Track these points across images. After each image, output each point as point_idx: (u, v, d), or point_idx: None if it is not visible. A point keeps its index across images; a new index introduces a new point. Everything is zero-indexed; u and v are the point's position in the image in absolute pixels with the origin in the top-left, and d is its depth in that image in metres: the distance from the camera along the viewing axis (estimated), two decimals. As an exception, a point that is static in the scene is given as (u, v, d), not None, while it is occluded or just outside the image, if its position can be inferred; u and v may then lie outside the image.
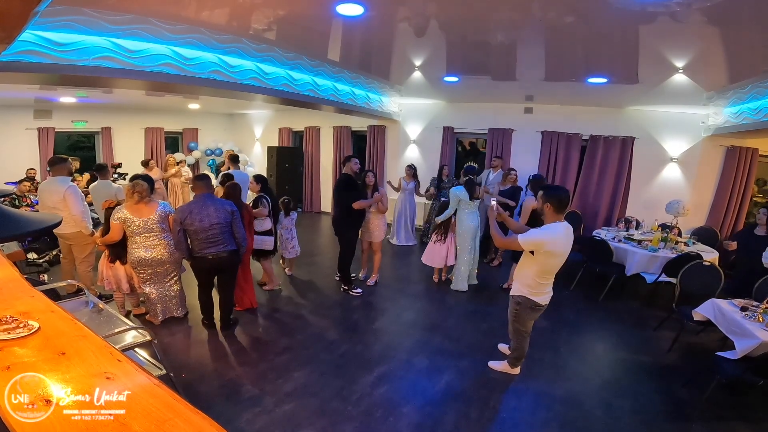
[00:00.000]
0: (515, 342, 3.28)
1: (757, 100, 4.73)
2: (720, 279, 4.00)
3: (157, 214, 3.70)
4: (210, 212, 3.58)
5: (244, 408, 2.83)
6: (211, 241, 3.61)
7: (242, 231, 3.77)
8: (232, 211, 3.70)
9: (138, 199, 3.64)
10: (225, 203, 3.74)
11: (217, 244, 3.63)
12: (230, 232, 3.72)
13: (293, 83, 5.13)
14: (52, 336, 1.18)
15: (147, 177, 3.92)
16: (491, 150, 7.69)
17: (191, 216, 3.54)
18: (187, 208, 3.61)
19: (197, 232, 3.57)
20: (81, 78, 3.59)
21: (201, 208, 3.57)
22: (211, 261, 3.68)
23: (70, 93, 6.81)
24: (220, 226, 3.61)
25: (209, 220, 3.56)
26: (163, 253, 3.78)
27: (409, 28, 3.89)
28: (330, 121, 9.18)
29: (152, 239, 3.72)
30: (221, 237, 3.64)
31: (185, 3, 3.40)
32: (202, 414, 0.89)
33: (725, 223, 6.54)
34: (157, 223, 3.70)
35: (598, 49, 4.18)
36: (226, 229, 3.67)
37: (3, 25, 1.59)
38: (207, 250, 3.63)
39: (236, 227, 3.73)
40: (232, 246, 3.73)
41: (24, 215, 1.36)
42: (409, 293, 5.18)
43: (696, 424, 2.88)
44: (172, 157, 8.83)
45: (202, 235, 3.58)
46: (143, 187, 3.65)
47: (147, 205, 3.69)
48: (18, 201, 5.88)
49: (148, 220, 3.66)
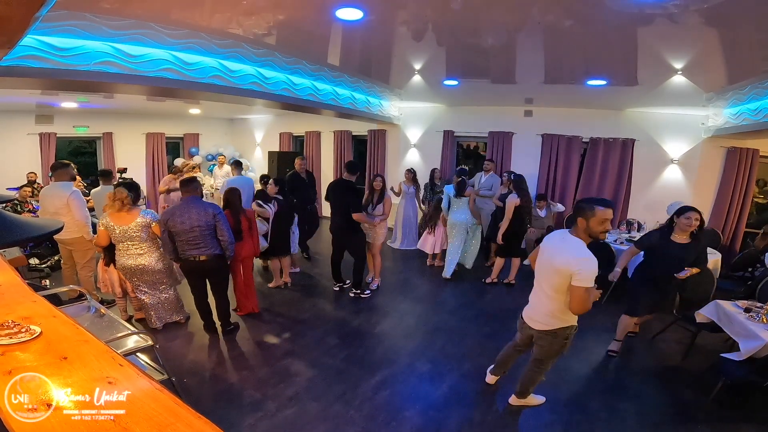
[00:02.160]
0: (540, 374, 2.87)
1: (756, 101, 4.73)
2: (713, 282, 4.02)
3: (136, 223, 3.61)
4: (192, 215, 3.57)
5: (246, 412, 2.81)
6: (192, 244, 3.61)
7: (228, 235, 3.70)
8: (215, 214, 3.64)
9: (119, 207, 3.59)
10: (209, 206, 3.69)
11: (198, 246, 3.62)
12: (213, 235, 3.67)
13: (293, 88, 5.14)
14: (54, 341, 1.18)
15: (131, 184, 3.87)
16: (491, 154, 7.70)
17: (173, 218, 3.57)
18: (171, 210, 3.65)
19: (179, 234, 3.59)
20: (82, 83, 3.60)
21: (183, 211, 3.59)
22: (194, 263, 3.68)
23: (72, 98, 6.82)
24: (200, 228, 3.58)
25: (190, 222, 3.55)
26: (149, 262, 3.71)
27: (408, 32, 3.90)
28: (330, 125, 9.19)
29: (134, 248, 3.67)
30: (202, 240, 3.62)
31: (186, 8, 3.42)
32: (204, 418, 0.88)
33: (727, 225, 6.53)
34: (136, 232, 3.62)
35: (597, 52, 4.19)
36: (207, 232, 3.63)
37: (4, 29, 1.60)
38: (189, 252, 3.64)
39: (220, 230, 3.67)
40: (216, 250, 3.70)
41: (26, 221, 1.35)
42: (411, 297, 5.16)
43: (701, 426, 2.86)
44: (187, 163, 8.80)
45: (183, 237, 3.59)
46: (122, 195, 3.59)
47: (128, 212, 3.63)
48: (20, 206, 5.89)
49: (127, 229, 3.59)
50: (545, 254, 2.55)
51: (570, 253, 2.31)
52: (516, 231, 5.23)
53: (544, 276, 2.53)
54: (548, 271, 2.48)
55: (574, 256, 2.28)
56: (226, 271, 3.95)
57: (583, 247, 2.32)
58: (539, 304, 2.60)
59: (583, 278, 2.24)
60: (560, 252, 2.39)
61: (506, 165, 7.48)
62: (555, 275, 2.40)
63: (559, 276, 2.37)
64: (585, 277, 2.24)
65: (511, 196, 5.10)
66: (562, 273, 2.33)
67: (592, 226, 2.33)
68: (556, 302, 2.47)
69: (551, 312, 2.52)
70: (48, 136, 8.37)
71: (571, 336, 2.58)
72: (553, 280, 2.43)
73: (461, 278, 5.87)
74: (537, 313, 2.63)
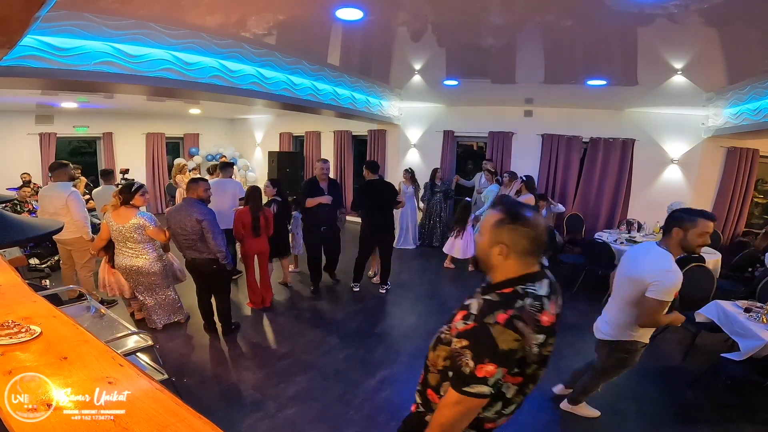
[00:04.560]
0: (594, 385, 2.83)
1: (756, 101, 4.73)
2: (713, 281, 4.01)
3: (131, 223, 3.57)
4: (182, 218, 3.56)
5: (246, 413, 2.81)
6: (187, 246, 3.63)
7: (216, 243, 3.57)
8: (199, 220, 3.52)
9: (118, 203, 3.60)
10: (196, 212, 3.54)
11: (192, 249, 3.63)
12: (203, 240, 3.60)
13: (293, 88, 5.14)
14: (54, 341, 1.18)
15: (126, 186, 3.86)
16: (491, 154, 7.71)
17: (169, 219, 3.60)
18: (171, 210, 3.70)
19: (175, 235, 3.62)
20: (82, 83, 3.60)
21: (177, 213, 3.61)
22: (193, 263, 3.71)
23: (72, 98, 6.82)
24: (189, 233, 3.57)
25: (182, 225, 3.56)
26: (143, 264, 3.67)
27: (408, 32, 3.90)
28: (330, 125, 9.20)
29: (129, 248, 3.65)
30: (194, 243, 3.61)
31: (186, 8, 3.41)
32: (204, 418, 0.88)
33: (727, 225, 6.52)
34: (131, 233, 3.59)
35: (597, 52, 4.19)
36: (195, 237, 3.58)
37: (4, 29, 1.60)
38: (187, 252, 3.66)
39: (207, 239, 3.56)
40: (209, 254, 3.65)
41: (25, 220, 1.35)
42: (411, 297, 5.17)
43: (702, 426, 2.86)
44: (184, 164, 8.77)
45: (180, 239, 3.62)
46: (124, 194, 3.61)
47: (127, 210, 3.61)
48: (19, 206, 5.89)
49: (122, 228, 3.58)
50: (624, 265, 2.47)
51: (652, 264, 2.20)
52: None
53: (619, 286, 2.46)
54: (623, 281, 2.40)
55: (658, 268, 2.16)
56: (224, 274, 3.85)
57: (669, 260, 2.18)
58: (607, 313, 2.54)
59: (660, 290, 2.13)
60: (640, 262, 2.29)
61: (506, 165, 7.48)
62: (630, 285, 2.31)
63: (633, 286, 2.28)
64: (662, 289, 2.12)
65: (525, 196, 5.20)
66: (637, 283, 2.24)
67: (690, 238, 2.16)
68: (624, 314, 2.39)
69: (616, 322, 2.44)
70: (48, 136, 8.37)
71: (634, 352, 2.46)
72: (627, 291, 2.34)
73: (462, 278, 5.87)
74: (602, 322, 2.57)
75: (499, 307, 1.21)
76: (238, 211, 4.35)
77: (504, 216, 1.28)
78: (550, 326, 1.25)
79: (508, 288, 1.26)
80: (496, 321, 1.18)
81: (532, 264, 1.30)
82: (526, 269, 1.29)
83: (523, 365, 1.24)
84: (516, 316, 1.18)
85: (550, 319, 1.25)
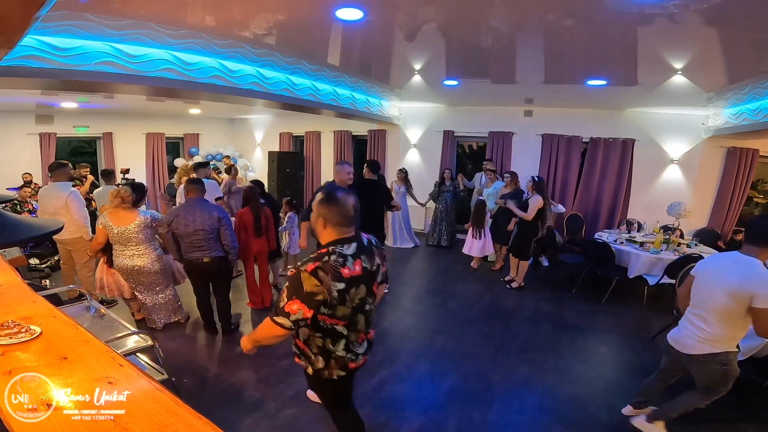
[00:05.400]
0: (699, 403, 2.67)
1: (756, 101, 4.74)
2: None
3: (135, 223, 3.57)
4: (196, 218, 3.55)
5: (246, 413, 2.81)
6: (195, 246, 3.60)
7: (231, 239, 3.71)
8: (220, 218, 3.63)
9: (118, 203, 3.57)
10: (215, 210, 3.66)
11: (201, 249, 3.62)
12: (217, 238, 3.66)
13: (293, 88, 5.14)
14: (54, 341, 1.18)
15: (138, 185, 3.86)
16: (491, 154, 7.71)
17: (177, 219, 3.56)
18: (175, 211, 3.64)
19: (182, 236, 3.58)
20: (82, 83, 3.59)
21: (188, 213, 3.57)
22: (197, 265, 3.67)
23: (72, 98, 6.82)
24: (204, 232, 3.56)
25: (194, 225, 3.54)
26: (145, 263, 3.67)
27: (408, 32, 3.90)
28: (330, 125, 9.19)
29: (131, 249, 3.63)
30: (206, 243, 3.61)
31: (186, 8, 3.41)
32: (204, 418, 0.88)
33: (726, 225, 6.53)
34: (135, 233, 3.58)
35: (597, 52, 4.19)
36: (212, 236, 3.61)
37: (4, 29, 1.60)
38: (192, 254, 3.63)
39: (224, 234, 3.66)
40: (218, 252, 3.69)
41: (25, 220, 1.35)
42: (409, 296, 5.16)
43: (702, 426, 2.86)
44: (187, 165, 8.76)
45: (187, 240, 3.59)
46: (126, 193, 3.58)
47: (128, 212, 3.60)
48: (20, 206, 5.89)
49: (125, 230, 3.55)
50: (708, 277, 2.38)
51: (752, 275, 2.14)
52: (532, 232, 5.27)
53: (706, 299, 2.37)
54: (714, 294, 2.30)
55: (759, 278, 2.11)
56: (228, 272, 3.94)
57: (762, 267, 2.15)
58: (692, 327, 2.44)
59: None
60: (734, 274, 2.21)
61: (506, 165, 7.49)
62: (726, 298, 2.22)
63: (732, 299, 2.19)
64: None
65: (535, 197, 5.14)
66: (737, 296, 2.16)
67: None
68: (714, 327, 2.33)
69: (704, 336, 2.37)
70: (48, 136, 8.37)
71: (729, 362, 2.39)
72: (721, 304, 2.25)
73: (462, 277, 5.87)
74: (688, 337, 2.46)
75: (312, 260, 1.63)
76: (239, 211, 4.36)
77: (323, 197, 1.74)
78: (350, 278, 1.65)
79: (324, 249, 1.68)
80: (305, 269, 1.59)
81: (347, 231, 1.74)
82: (340, 235, 1.72)
83: (329, 306, 1.62)
84: (320, 267, 1.59)
85: (351, 273, 1.65)
